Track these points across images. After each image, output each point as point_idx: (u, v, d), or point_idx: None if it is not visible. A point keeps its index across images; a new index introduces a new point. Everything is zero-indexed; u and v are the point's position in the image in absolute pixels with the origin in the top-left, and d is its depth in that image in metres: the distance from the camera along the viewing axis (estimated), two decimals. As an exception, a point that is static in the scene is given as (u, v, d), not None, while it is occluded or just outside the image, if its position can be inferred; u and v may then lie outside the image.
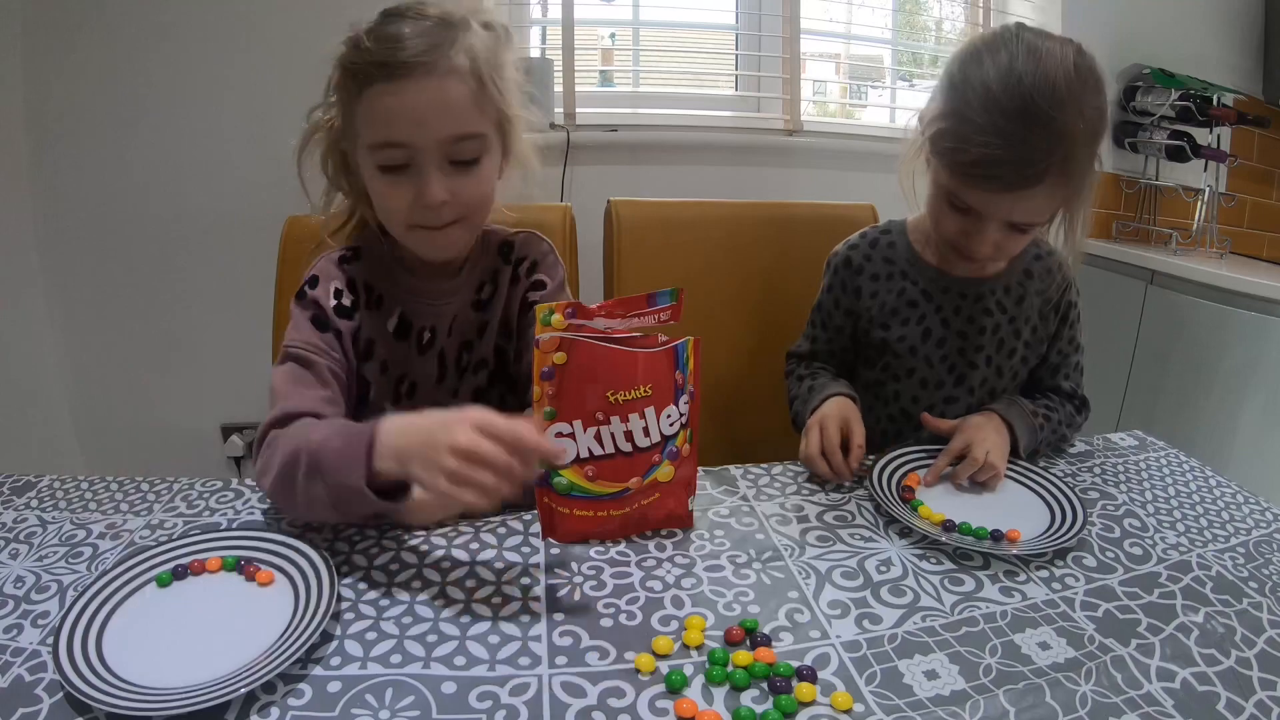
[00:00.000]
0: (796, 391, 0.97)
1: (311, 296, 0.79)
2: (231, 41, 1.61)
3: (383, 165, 0.73)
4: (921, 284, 0.93)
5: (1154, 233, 2.15)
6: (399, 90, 0.70)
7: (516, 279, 0.87)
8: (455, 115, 0.72)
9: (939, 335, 0.93)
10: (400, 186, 0.73)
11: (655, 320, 0.68)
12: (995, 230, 0.82)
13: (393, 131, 0.71)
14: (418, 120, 0.71)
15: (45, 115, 1.59)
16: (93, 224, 1.66)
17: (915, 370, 0.94)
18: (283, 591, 0.60)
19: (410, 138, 0.71)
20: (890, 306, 0.94)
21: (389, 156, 0.72)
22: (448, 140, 0.72)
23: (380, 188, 0.75)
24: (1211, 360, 1.81)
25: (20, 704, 0.48)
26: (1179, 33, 2.12)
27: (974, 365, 0.94)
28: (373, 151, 0.73)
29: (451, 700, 0.50)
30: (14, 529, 0.69)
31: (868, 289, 0.95)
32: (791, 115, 1.97)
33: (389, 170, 0.73)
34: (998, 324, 0.93)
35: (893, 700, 0.52)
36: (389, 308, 0.83)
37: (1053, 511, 0.76)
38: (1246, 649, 0.57)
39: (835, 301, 0.99)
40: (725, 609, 0.61)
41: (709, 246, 1.23)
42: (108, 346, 1.74)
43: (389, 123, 0.71)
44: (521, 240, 0.89)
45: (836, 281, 0.98)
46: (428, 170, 0.72)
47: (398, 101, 0.70)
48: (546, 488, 0.68)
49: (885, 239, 0.97)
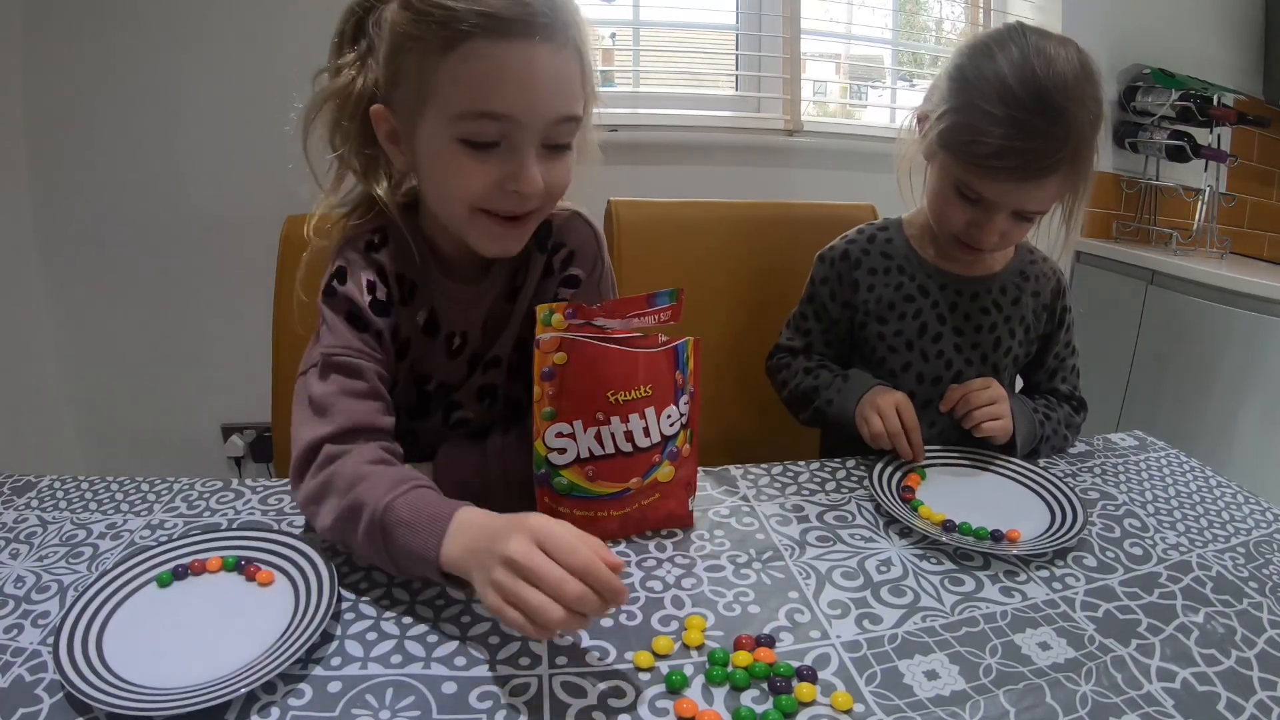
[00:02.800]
0: (813, 383, 0.96)
1: (344, 293, 0.70)
2: (231, 41, 1.61)
3: (469, 139, 0.62)
4: (919, 279, 0.94)
5: (1154, 233, 2.15)
6: (511, 52, 0.59)
7: (550, 270, 0.78)
8: (567, 92, 0.63)
9: (935, 331, 0.93)
10: (486, 165, 0.63)
11: (655, 320, 0.68)
12: (1003, 220, 0.84)
13: (495, 100, 0.60)
14: (529, 89, 0.60)
15: (45, 115, 1.59)
16: (93, 224, 1.66)
17: (911, 365, 0.94)
18: (283, 591, 0.60)
19: (515, 110, 0.61)
20: (887, 301, 0.94)
21: (481, 129, 0.61)
22: (555, 120, 0.63)
23: (459, 164, 0.63)
24: (1211, 360, 1.81)
25: (20, 704, 0.48)
26: (1179, 33, 2.12)
27: (970, 362, 0.94)
28: (458, 121, 0.61)
29: (452, 700, 0.50)
30: (14, 529, 0.69)
31: (865, 283, 0.96)
32: (792, 115, 1.96)
33: (476, 147, 0.62)
34: (994, 322, 0.94)
35: (893, 700, 0.52)
36: (420, 302, 0.75)
37: (1053, 512, 0.76)
38: (1247, 649, 0.57)
39: (831, 294, 0.98)
40: (725, 609, 0.61)
41: (709, 246, 1.23)
42: (108, 346, 1.74)
43: (493, 89, 0.60)
44: (561, 223, 0.78)
45: (833, 274, 0.98)
46: (525, 151, 0.63)
47: (511, 65, 0.59)
48: (547, 488, 0.68)
49: (883, 235, 0.98)
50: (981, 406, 0.86)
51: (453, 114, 0.61)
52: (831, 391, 0.93)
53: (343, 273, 0.71)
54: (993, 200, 0.82)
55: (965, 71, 0.82)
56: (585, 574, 0.49)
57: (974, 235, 0.86)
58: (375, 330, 0.71)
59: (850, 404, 0.89)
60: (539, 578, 0.49)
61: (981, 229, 0.85)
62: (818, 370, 0.97)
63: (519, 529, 0.52)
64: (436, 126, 0.63)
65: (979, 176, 0.81)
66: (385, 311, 0.72)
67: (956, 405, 0.88)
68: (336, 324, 0.70)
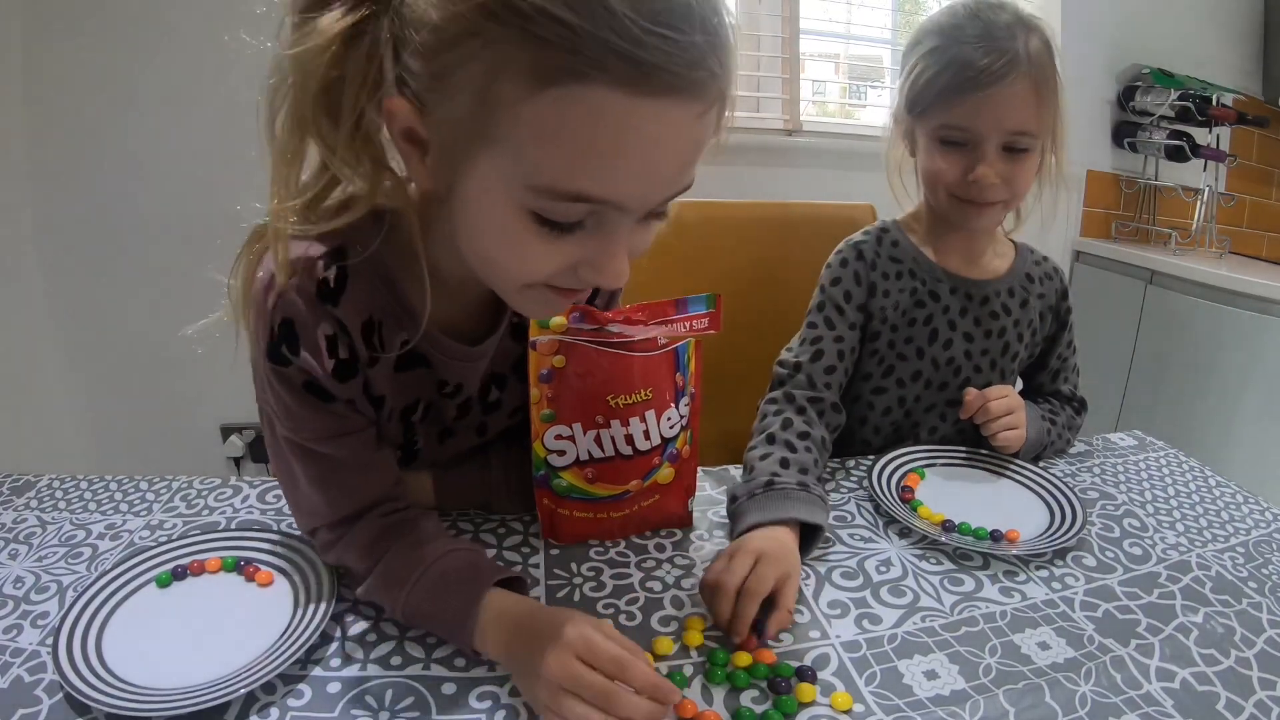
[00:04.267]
0: (759, 439, 0.80)
1: (297, 364, 0.54)
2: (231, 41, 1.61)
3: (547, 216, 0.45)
4: (929, 284, 0.92)
5: (1153, 232, 2.16)
6: (641, 113, 0.41)
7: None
8: (693, 163, 0.49)
9: (946, 337, 0.92)
10: (563, 246, 0.47)
11: (688, 328, 0.64)
12: (995, 157, 0.82)
13: (597, 182, 0.44)
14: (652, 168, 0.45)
15: (45, 115, 1.59)
16: (92, 223, 1.66)
17: (921, 373, 0.93)
18: (282, 592, 0.60)
19: (623, 196, 0.45)
20: (901, 307, 0.92)
21: (566, 211, 0.45)
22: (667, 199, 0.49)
23: (524, 240, 0.46)
24: (1211, 360, 1.81)
25: (20, 704, 0.48)
26: (1179, 33, 2.12)
27: (979, 369, 0.93)
28: (535, 193, 0.44)
29: (451, 701, 0.50)
30: (14, 529, 0.69)
31: (881, 286, 0.92)
32: (791, 115, 1.96)
33: (553, 226, 0.46)
34: (1004, 326, 0.93)
35: (893, 700, 0.52)
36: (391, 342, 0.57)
37: (1052, 512, 0.76)
38: (1246, 649, 0.57)
39: (847, 295, 0.92)
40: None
41: (709, 247, 1.22)
42: (107, 345, 1.74)
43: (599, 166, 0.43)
44: None
45: (848, 274, 0.92)
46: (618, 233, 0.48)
47: (638, 134, 0.42)
48: (546, 489, 0.68)
49: (888, 237, 0.96)
50: (1000, 416, 0.85)
51: (529, 182, 0.43)
52: (756, 456, 0.77)
53: (289, 330, 0.53)
54: (974, 129, 0.81)
55: (909, 45, 0.87)
56: (624, 676, 0.48)
57: (974, 185, 0.83)
58: (345, 399, 0.57)
59: (745, 500, 0.71)
60: (581, 688, 0.47)
61: (978, 174, 0.82)
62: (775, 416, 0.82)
63: (554, 641, 0.49)
64: (496, 180, 0.45)
65: (951, 105, 0.82)
66: (351, 373, 0.56)
67: (976, 413, 0.87)
68: (292, 401, 0.55)
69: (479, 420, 0.70)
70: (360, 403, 0.59)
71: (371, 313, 0.56)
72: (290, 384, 0.55)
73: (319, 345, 0.54)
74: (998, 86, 0.79)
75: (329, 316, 0.54)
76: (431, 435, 0.68)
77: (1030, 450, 0.87)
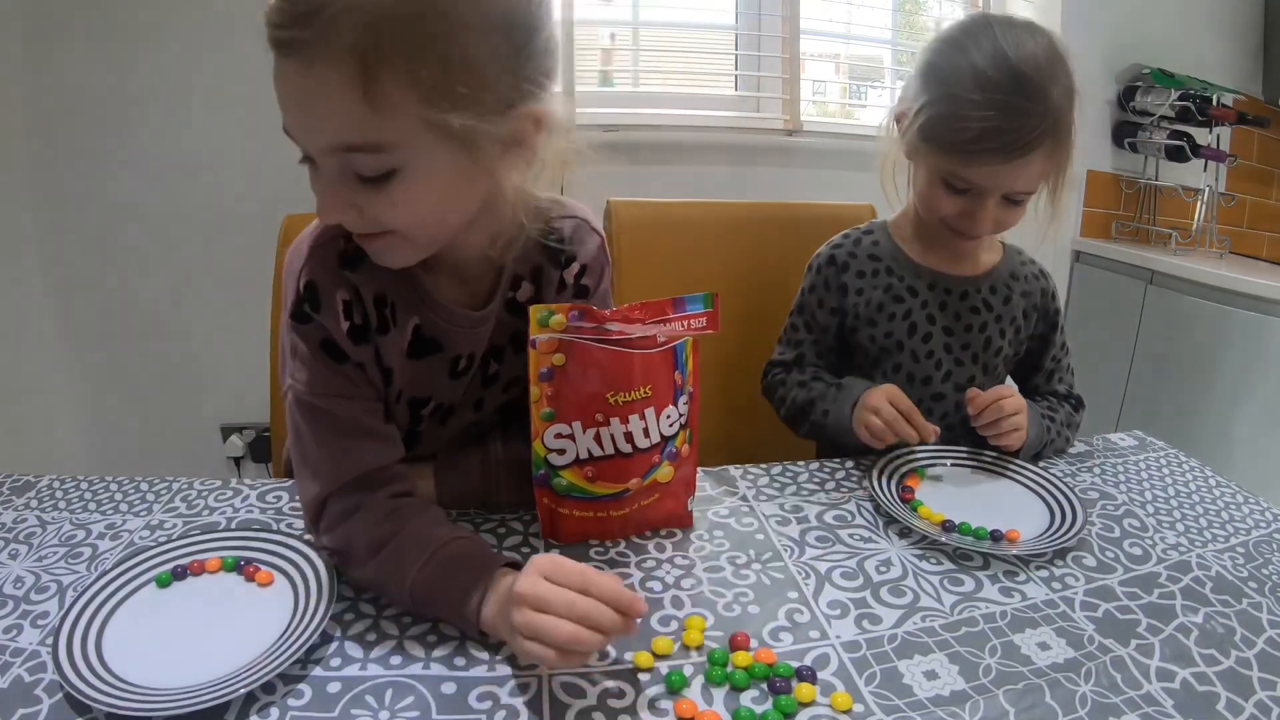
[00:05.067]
0: (808, 396, 0.94)
1: (318, 320, 0.62)
2: (231, 40, 1.61)
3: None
4: (907, 280, 0.94)
5: (1153, 233, 2.16)
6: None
7: (564, 285, 0.73)
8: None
9: (925, 330, 0.93)
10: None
11: (686, 327, 0.65)
12: (994, 206, 0.84)
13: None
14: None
15: (45, 114, 1.59)
16: (92, 223, 1.66)
17: (902, 366, 0.94)
18: (282, 591, 0.60)
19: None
20: (877, 302, 0.94)
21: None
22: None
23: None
24: (1211, 360, 1.81)
25: (20, 704, 0.48)
26: (1179, 33, 2.12)
27: (960, 362, 0.94)
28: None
29: (451, 700, 0.50)
30: (14, 529, 0.69)
31: (854, 285, 0.96)
32: (791, 115, 1.96)
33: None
34: (984, 321, 0.94)
35: (892, 700, 0.52)
36: (403, 321, 0.66)
37: (1052, 512, 0.76)
38: (1246, 649, 0.57)
39: (819, 301, 0.98)
40: (725, 609, 0.61)
41: (709, 247, 1.22)
42: (107, 346, 1.74)
43: None
44: (571, 232, 0.72)
45: (819, 281, 0.98)
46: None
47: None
48: (546, 488, 0.68)
49: (869, 238, 0.98)
50: (1008, 416, 0.85)
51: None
52: (827, 402, 0.92)
53: (312, 291, 0.61)
54: (981, 185, 0.83)
55: (938, 65, 0.83)
56: (589, 589, 0.51)
57: (969, 224, 0.87)
58: (356, 362, 0.63)
59: (846, 411, 0.88)
60: (548, 603, 0.50)
61: (974, 218, 0.85)
62: (811, 383, 0.96)
63: (526, 571, 0.53)
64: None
65: (964, 164, 0.82)
66: (364, 338, 0.64)
67: (983, 413, 0.86)
68: (308, 357, 0.62)
69: (476, 396, 0.74)
70: (370, 369, 0.65)
71: (385, 290, 0.64)
72: (309, 340, 0.62)
73: (336, 308, 0.62)
74: (1018, 160, 0.79)
75: (346, 282, 0.62)
76: (434, 418, 0.73)
77: (1030, 449, 0.87)
